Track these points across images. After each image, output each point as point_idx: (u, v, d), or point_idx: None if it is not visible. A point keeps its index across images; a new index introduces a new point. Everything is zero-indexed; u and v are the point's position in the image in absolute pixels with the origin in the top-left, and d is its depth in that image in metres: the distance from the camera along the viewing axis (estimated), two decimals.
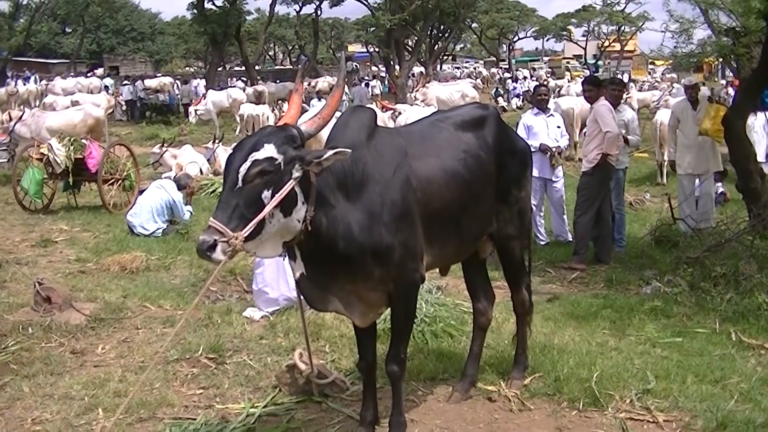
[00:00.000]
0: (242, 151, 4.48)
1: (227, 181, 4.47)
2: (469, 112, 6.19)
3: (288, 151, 4.53)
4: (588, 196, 11.46)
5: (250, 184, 4.40)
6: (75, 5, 67.51)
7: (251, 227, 4.37)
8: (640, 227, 13.73)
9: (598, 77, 15.04)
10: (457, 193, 5.60)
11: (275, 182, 4.46)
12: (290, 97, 5.32)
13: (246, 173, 4.39)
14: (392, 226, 5.05)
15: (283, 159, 4.49)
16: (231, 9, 47.11)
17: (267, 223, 4.47)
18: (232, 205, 4.38)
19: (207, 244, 4.29)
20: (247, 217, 4.38)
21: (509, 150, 6.20)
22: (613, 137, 11.16)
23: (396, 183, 5.13)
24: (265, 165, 4.42)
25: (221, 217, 4.35)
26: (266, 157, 4.43)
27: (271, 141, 4.50)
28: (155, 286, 10.17)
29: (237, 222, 4.35)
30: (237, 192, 4.40)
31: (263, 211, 4.41)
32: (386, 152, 5.22)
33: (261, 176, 4.41)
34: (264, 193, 4.43)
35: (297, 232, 4.68)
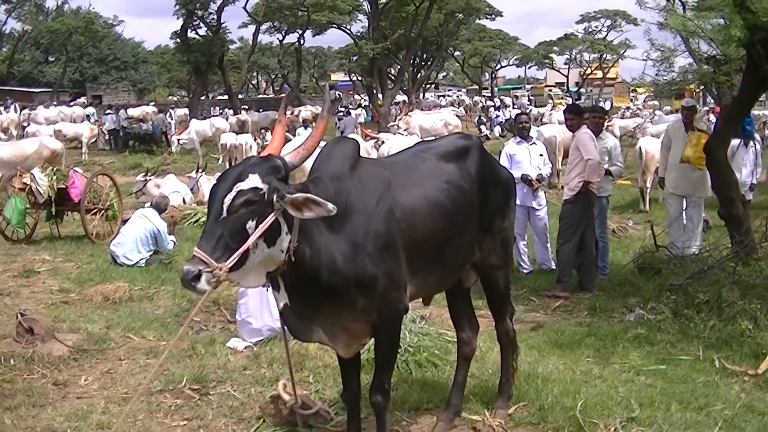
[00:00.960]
0: (227, 181, 4.47)
1: (211, 211, 4.46)
2: (452, 142, 6.22)
3: (272, 181, 4.52)
4: (571, 224, 11.49)
5: (234, 215, 4.38)
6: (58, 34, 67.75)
7: (236, 257, 4.35)
8: (623, 254, 13.75)
9: (580, 105, 15.09)
10: (441, 223, 5.61)
11: (260, 212, 4.45)
12: (274, 128, 5.33)
13: (231, 203, 4.37)
14: (376, 257, 5.04)
15: (268, 189, 4.48)
16: (214, 38, 47.15)
17: (251, 253, 4.45)
18: (217, 235, 4.36)
19: (191, 274, 4.26)
20: (231, 247, 4.36)
21: (492, 180, 6.22)
22: (595, 165, 11.19)
23: (379, 213, 5.14)
24: (250, 195, 4.41)
25: (206, 247, 4.33)
26: (251, 188, 4.42)
27: (256, 171, 4.49)
28: (138, 316, 10.12)
29: (221, 252, 4.33)
30: (221, 222, 4.38)
31: (248, 241, 4.40)
32: (369, 183, 5.23)
33: (246, 206, 4.40)
34: (248, 224, 4.42)
35: (281, 262, 4.67)
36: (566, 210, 11.61)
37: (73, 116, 44.66)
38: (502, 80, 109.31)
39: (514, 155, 12.89)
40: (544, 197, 13.37)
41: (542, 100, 75.56)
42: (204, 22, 47.80)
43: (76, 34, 68.30)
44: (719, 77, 11.64)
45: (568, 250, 11.50)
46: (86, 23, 68.43)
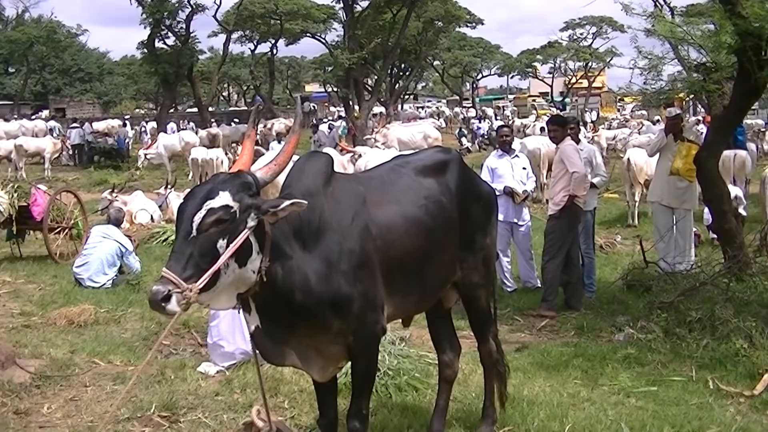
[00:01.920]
0: (196, 198, 4.46)
1: (180, 230, 4.44)
2: (430, 156, 6.23)
3: (244, 198, 4.51)
4: (556, 240, 11.50)
5: (204, 233, 4.37)
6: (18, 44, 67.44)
7: (206, 278, 4.33)
8: (611, 271, 13.81)
9: (564, 116, 15.17)
10: (419, 240, 5.61)
11: (231, 231, 4.44)
12: (243, 143, 5.33)
13: (201, 222, 4.36)
14: (351, 276, 5.03)
15: (239, 207, 4.47)
16: (183, 48, 47.10)
17: (222, 273, 4.44)
18: (186, 255, 4.35)
19: (161, 295, 4.23)
20: (201, 267, 4.34)
21: (473, 196, 6.24)
22: (581, 177, 11.23)
23: (354, 231, 5.14)
24: (221, 213, 4.40)
25: (175, 267, 4.30)
26: (222, 205, 4.41)
27: (227, 188, 4.49)
28: (104, 340, 10.06)
29: (191, 272, 4.31)
30: (191, 241, 4.37)
31: (218, 261, 4.38)
32: (344, 199, 5.23)
33: (216, 225, 4.39)
34: (219, 243, 4.40)
35: (252, 283, 4.65)
36: (551, 225, 11.63)
37: (35, 130, 44.47)
38: (483, 90, 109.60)
39: (495, 169, 12.93)
40: (528, 212, 13.41)
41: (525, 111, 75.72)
42: (172, 32, 47.78)
43: (37, 44, 68.06)
44: (709, 86, 11.71)
45: (554, 267, 11.52)
46: (48, 33, 68.36)
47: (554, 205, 11.51)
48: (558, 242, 11.49)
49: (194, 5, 47.62)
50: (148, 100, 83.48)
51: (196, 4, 47.81)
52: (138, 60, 61.13)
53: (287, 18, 56.69)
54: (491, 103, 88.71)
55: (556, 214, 11.49)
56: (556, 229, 11.54)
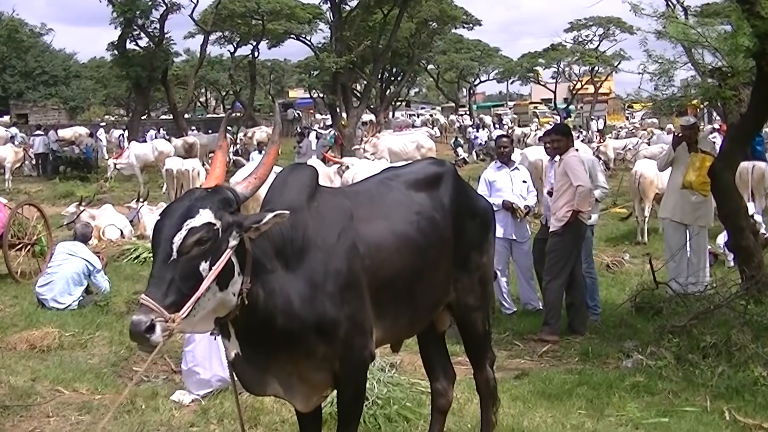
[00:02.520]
0: (174, 217, 4.44)
1: (158, 253, 4.40)
2: (422, 169, 6.25)
3: (225, 216, 4.51)
4: (559, 259, 11.49)
5: (186, 256, 4.35)
6: None
7: (191, 305, 4.32)
8: (618, 292, 13.81)
9: (567, 125, 15.14)
10: (410, 259, 5.62)
11: (213, 252, 4.44)
12: (214, 154, 5.32)
13: (182, 243, 4.34)
14: (337, 298, 5.03)
15: (221, 225, 4.47)
16: (157, 50, 46.96)
17: (203, 298, 4.41)
18: (167, 280, 4.32)
19: (144, 325, 4.19)
20: (184, 292, 4.32)
21: (468, 211, 6.25)
22: (586, 192, 11.23)
23: (341, 249, 5.14)
24: (203, 233, 4.38)
25: (155, 294, 4.27)
26: (203, 224, 4.40)
27: (207, 205, 4.47)
28: (69, 366, 10.01)
29: (174, 298, 4.29)
30: (171, 264, 4.34)
31: (202, 285, 4.37)
32: (329, 215, 5.24)
33: (198, 246, 4.37)
34: (202, 265, 4.39)
35: (233, 306, 4.64)
36: (553, 243, 11.60)
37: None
38: (481, 97, 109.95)
39: (494, 182, 12.94)
40: (528, 229, 13.41)
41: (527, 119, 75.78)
42: (145, 32, 47.62)
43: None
44: (725, 92, 11.62)
45: (557, 288, 11.51)
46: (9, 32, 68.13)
47: (557, 221, 11.47)
48: (561, 261, 11.47)
49: (169, 4, 47.32)
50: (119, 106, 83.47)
51: (171, 3, 47.45)
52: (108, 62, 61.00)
53: (270, 18, 56.45)
54: (489, 110, 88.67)
55: (558, 231, 11.46)
56: (558, 247, 11.52)
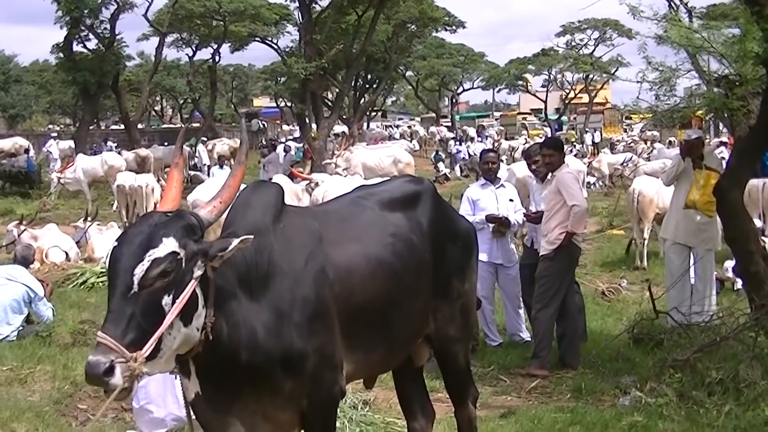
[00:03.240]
0: (133, 245, 4.42)
1: (117, 285, 4.38)
2: (398, 187, 6.27)
3: (189, 244, 4.51)
4: (550, 285, 11.49)
5: (148, 289, 4.34)
6: None
7: (153, 343, 4.31)
8: (615, 322, 13.84)
9: (560, 139, 15.10)
10: (384, 285, 5.64)
11: (177, 284, 4.44)
12: (169, 172, 5.30)
13: (144, 275, 4.33)
14: (304, 329, 5.05)
15: (185, 255, 4.47)
16: (107, 53, 46.41)
17: (166, 335, 4.41)
18: (127, 316, 4.29)
19: (102, 367, 4.16)
20: (146, 329, 4.31)
21: (449, 233, 6.27)
22: (582, 212, 11.28)
23: (308, 275, 5.16)
24: (167, 264, 4.38)
25: (114, 331, 4.25)
26: (168, 253, 4.40)
27: (170, 233, 4.47)
28: (7, 404, 9.92)
29: (134, 336, 4.27)
30: (132, 299, 4.32)
31: (165, 320, 4.36)
32: (296, 237, 5.25)
33: (162, 278, 4.37)
34: (165, 300, 4.39)
35: (195, 342, 4.64)
36: (544, 268, 11.60)
37: None
38: (464, 107, 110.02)
39: (477, 201, 12.93)
40: (516, 252, 13.42)
41: (514, 131, 75.96)
42: (94, 33, 47.03)
43: None
44: (732, 102, 11.57)
45: (547, 318, 11.51)
46: None
47: (548, 243, 11.48)
48: (552, 287, 11.47)
49: (121, 2, 46.54)
50: (65, 115, 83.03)
51: (123, 2, 46.73)
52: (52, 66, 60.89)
53: (232, 19, 56.07)
54: (474, 121, 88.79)
55: (550, 255, 11.46)
56: (550, 272, 11.52)
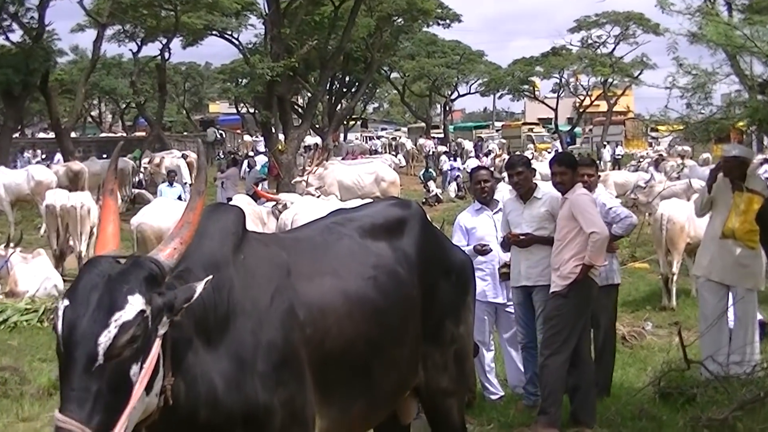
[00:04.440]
0: (91, 306, 4.36)
1: (76, 357, 4.31)
2: (381, 211, 6.27)
3: (155, 299, 4.49)
4: (561, 328, 11.33)
5: (116, 359, 4.31)
6: None
7: (124, 424, 4.29)
8: (638, 373, 13.83)
9: (573, 155, 14.87)
10: (365, 327, 5.63)
11: (144, 349, 4.42)
12: (103, 203, 5.27)
13: (112, 345, 4.29)
14: (270, 379, 5.04)
15: (151, 312, 4.44)
16: (34, 47, 45.96)
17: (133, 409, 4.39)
18: (93, 394, 4.25)
19: None
20: (115, 407, 4.28)
21: (441, 266, 6.28)
22: (602, 240, 11.01)
23: (274, 315, 5.15)
24: (137, 328, 4.35)
25: (78, 413, 4.21)
26: (137, 314, 4.37)
27: (135, 289, 4.43)
28: None
29: (102, 418, 4.24)
30: (97, 372, 4.28)
31: (134, 394, 4.34)
32: (260, 270, 5.24)
33: (131, 345, 4.34)
34: (133, 369, 4.37)
35: (153, 410, 4.62)
36: (556, 307, 11.38)
37: None
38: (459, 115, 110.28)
39: (472, 229, 12.80)
40: None
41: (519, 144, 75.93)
42: (19, 23, 46.41)
43: None
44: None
45: (557, 366, 11.39)
46: None
47: (560, 278, 11.23)
48: (564, 331, 11.29)
49: None
50: None
51: None
52: None
53: (185, 8, 54.72)
54: (471, 132, 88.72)
55: (562, 292, 11.20)
56: (562, 313, 11.31)
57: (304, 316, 5.27)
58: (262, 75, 43.17)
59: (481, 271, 11.73)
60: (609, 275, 12.15)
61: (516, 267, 11.93)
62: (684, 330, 13.22)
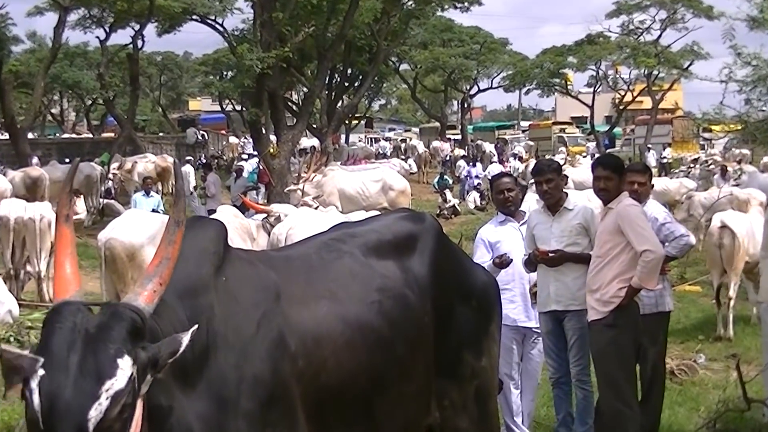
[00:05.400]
0: (74, 372, 4.30)
1: None
2: (389, 225, 6.24)
3: (140, 356, 4.44)
4: (617, 366, 11.16)
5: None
6: None
7: None
8: (688, 413, 13.80)
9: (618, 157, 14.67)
10: (367, 359, 5.60)
11: (132, 414, 4.39)
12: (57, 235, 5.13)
13: (104, 418, 4.26)
14: (256, 419, 5.02)
15: (136, 371, 4.41)
16: None
17: None
18: None
19: None
20: None
21: (459, 288, 6.24)
22: (656, 261, 10.79)
23: (261, 345, 5.12)
24: (128, 396, 4.34)
25: None
26: (128, 381, 4.34)
27: (123, 349, 4.39)
28: None
29: None
30: None
31: None
32: (245, 294, 5.20)
33: (122, 415, 4.32)
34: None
35: None
36: (602, 339, 11.08)
37: None
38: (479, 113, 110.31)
39: (496, 243, 12.62)
40: None
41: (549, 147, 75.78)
42: None
43: None
44: None
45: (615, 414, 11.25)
46: None
47: (600, 303, 10.99)
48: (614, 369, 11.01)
49: None
50: None
51: None
52: None
53: None
54: (492, 133, 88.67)
55: (608, 320, 10.94)
56: (613, 346, 10.99)
57: (295, 347, 5.23)
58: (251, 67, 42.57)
59: (509, 291, 11.63)
60: (659, 301, 12.01)
61: (544, 289, 11.78)
62: (743, 363, 13.20)
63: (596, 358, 11.32)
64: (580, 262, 11.47)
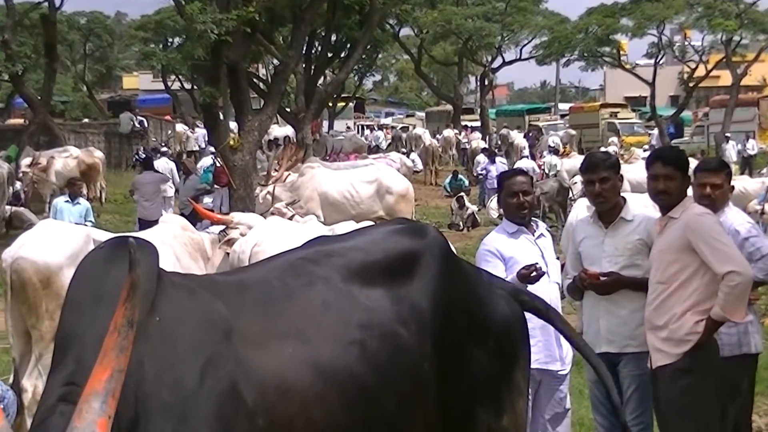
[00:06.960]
0: None
1: None
2: (381, 241, 6.19)
3: None
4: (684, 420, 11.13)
5: None
6: None
7: None
8: None
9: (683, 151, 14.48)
10: (345, 417, 5.58)
11: None
12: None
13: None
14: None
15: None
16: None
17: None
18: None
19: None
20: None
21: (472, 324, 6.19)
22: (744, 286, 10.61)
23: (206, 402, 5.09)
24: None
25: None
26: None
27: None
28: None
29: None
30: None
31: None
32: (184, 335, 5.16)
33: None
34: None
35: None
36: (673, 389, 11.00)
37: None
38: (505, 93, 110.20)
39: (510, 259, 12.56)
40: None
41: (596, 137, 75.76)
42: None
43: None
44: None
45: None
46: None
47: (670, 343, 10.89)
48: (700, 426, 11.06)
49: None
50: None
51: None
52: None
53: None
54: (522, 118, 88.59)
55: (681, 364, 10.88)
56: (688, 393, 10.92)
57: (253, 401, 5.18)
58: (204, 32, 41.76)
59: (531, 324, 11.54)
60: (743, 340, 11.91)
61: (592, 325, 11.74)
62: None
63: (665, 414, 11.24)
64: (641, 290, 11.34)
